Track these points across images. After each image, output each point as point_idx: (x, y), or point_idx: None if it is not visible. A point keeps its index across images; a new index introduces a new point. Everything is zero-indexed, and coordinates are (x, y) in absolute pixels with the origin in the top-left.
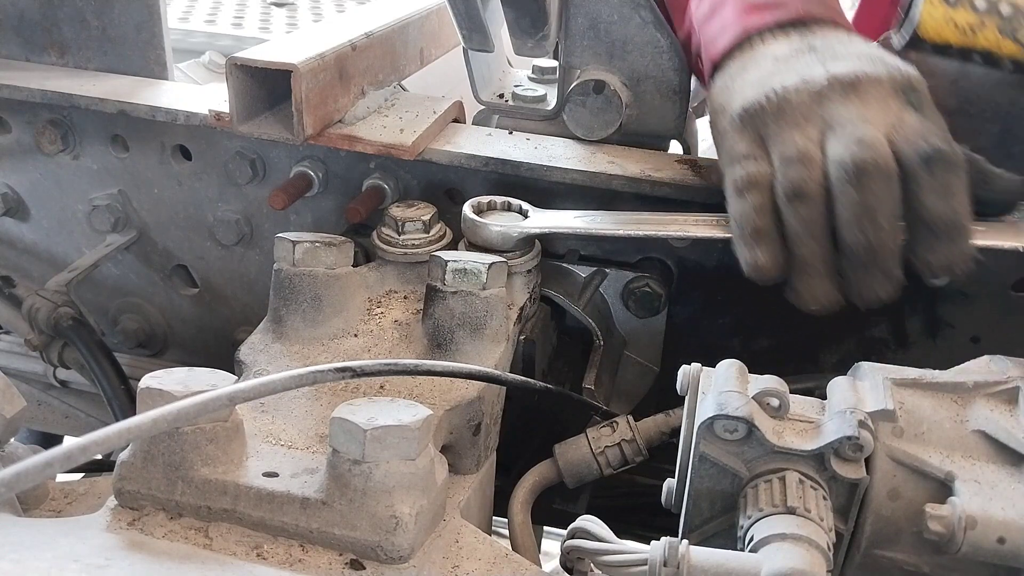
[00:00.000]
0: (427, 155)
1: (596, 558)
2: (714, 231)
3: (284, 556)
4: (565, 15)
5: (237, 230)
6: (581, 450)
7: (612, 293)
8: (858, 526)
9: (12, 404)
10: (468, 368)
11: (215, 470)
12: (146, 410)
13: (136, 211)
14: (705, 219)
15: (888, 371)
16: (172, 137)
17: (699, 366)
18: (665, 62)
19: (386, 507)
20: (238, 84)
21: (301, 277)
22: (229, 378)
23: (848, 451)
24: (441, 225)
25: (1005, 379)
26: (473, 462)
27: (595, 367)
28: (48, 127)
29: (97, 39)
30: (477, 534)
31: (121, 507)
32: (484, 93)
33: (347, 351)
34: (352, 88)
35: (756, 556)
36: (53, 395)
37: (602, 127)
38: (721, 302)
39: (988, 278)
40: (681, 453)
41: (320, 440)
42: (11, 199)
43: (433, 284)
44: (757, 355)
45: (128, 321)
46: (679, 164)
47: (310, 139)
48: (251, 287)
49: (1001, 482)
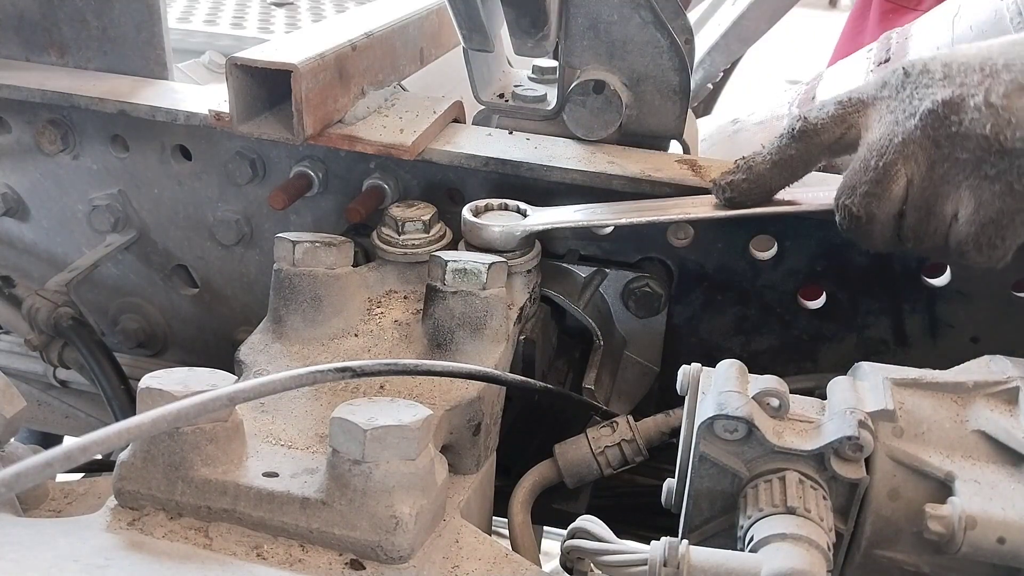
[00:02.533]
0: (427, 155)
1: (596, 558)
2: (715, 212)
3: (284, 556)
4: (565, 15)
5: (237, 230)
6: (581, 450)
7: (612, 293)
8: (858, 526)
9: (12, 404)
10: (468, 368)
11: (215, 470)
12: (146, 410)
13: (136, 211)
14: (705, 200)
15: (888, 371)
16: (172, 137)
17: (699, 366)
18: (665, 62)
19: (386, 507)
20: (238, 84)
21: (301, 277)
22: (229, 378)
23: (848, 451)
24: (441, 225)
25: (1005, 379)
26: (473, 462)
27: (595, 367)
28: (48, 127)
29: (97, 39)
30: (477, 534)
31: (121, 507)
32: (484, 93)
33: (347, 351)
34: (352, 88)
35: (756, 556)
36: (53, 395)
37: (602, 127)
38: (721, 302)
39: (988, 278)
40: (681, 453)
41: (320, 440)
42: (11, 199)
43: (433, 284)
44: (757, 355)
45: (128, 321)
46: (679, 164)
47: (310, 139)
48: (251, 287)
49: (1001, 482)
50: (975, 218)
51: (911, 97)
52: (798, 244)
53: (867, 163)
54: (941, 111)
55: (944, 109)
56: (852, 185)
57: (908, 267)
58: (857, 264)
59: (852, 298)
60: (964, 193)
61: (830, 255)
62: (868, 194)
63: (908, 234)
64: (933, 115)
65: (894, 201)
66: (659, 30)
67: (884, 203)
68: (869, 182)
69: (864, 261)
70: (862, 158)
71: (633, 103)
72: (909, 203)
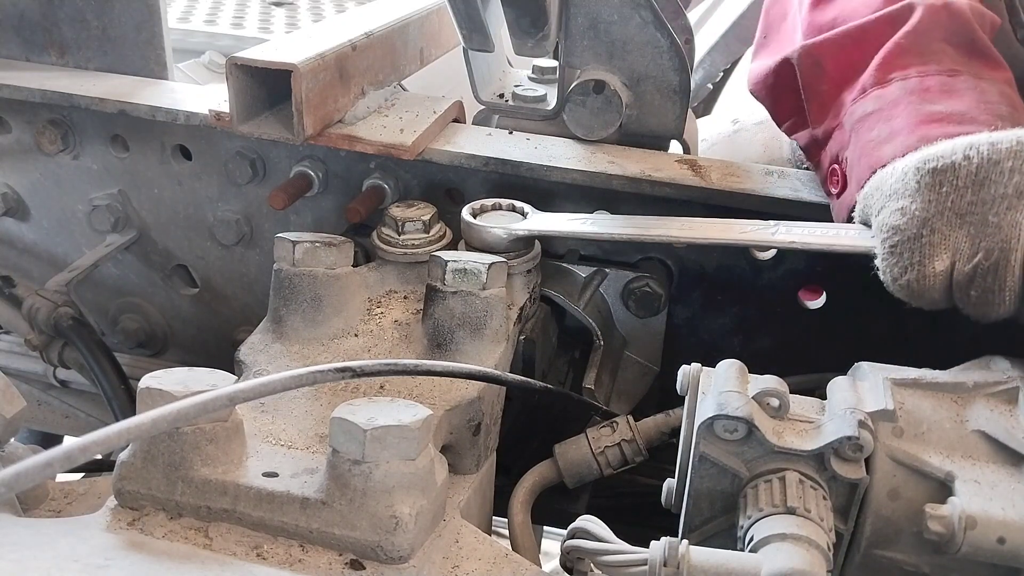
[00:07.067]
0: (427, 155)
1: (596, 558)
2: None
3: (284, 556)
4: (565, 15)
5: (237, 230)
6: (581, 450)
7: (612, 293)
8: (858, 526)
9: (12, 404)
10: (468, 368)
11: (215, 470)
12: (146, 410)
13: (136, 211)
14: (704, 223)
15: (888, 371)
16: (172, 137)
17: (699, 366)
18: (665, 62)
19: (386, 507)
20: (238, 84)
21: (301, 277)
22: (229, 378)
23: (848, 451)
24: (441, 225)
25: (1005, 379)
26: (473, 462)
27: (595, 367)
28: (48, 127)
29: (97, 39)
30: (477, 534)
31: (121, 507)
32: (484, 93)
33: (347, 351)
34: (352, 88)
35: (756, 556)
36: (53, 395)
37: (602, 127)
38: (721, 302)
39: None
40: (681, 453)
41: (320, 440)
42: (11, 199)
43: (433, 284)
44: (757, 355)
45: (128, 321)
46: (679, 164)
47: (310, 139)
48: (251, 287)
49: (1001, 482)
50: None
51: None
52: None
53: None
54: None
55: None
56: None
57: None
58: (857, 264)
59: (852, 298)
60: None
61: (830, 255)
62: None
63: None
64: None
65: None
66: (659, 30)
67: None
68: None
69: (864, 261)
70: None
71: (633, 103)
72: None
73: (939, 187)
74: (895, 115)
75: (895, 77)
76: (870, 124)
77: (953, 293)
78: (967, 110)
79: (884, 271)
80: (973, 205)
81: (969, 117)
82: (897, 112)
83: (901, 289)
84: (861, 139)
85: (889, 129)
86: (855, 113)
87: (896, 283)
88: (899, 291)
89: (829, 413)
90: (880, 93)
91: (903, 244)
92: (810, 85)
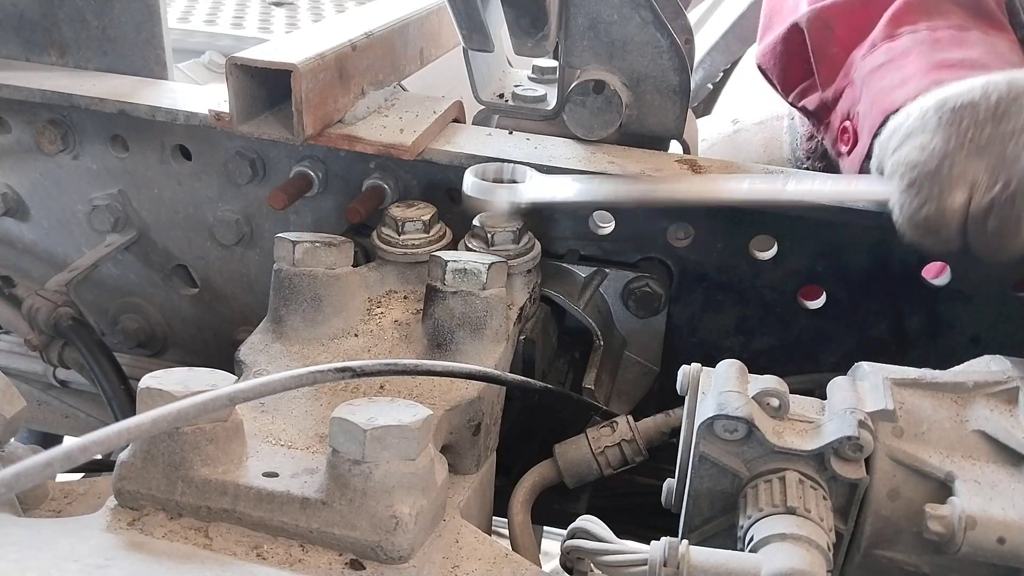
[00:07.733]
0: (427, 155)
1: (596, 558)
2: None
3: (284, 556)
4: (565, 15)
5: (237, 230)
6: (581, 450)
7: (612, 293)
8: (858, 526)
9: (12, 404)
10: (468, 368)
11: (215, 470)
12: (146, 410)
13: (136, 211)
14: (710, 180)
15: (888, 371)
16: (172, 137)
17: (699, 366)
18: (665, 62)
19: (386, 507)
20: (238, 84)
21: (301, 277)
22: (229, 378)
23: (848, 451)
24: (441, 225)
25: (1005, 379)
26: (473, 462)
27: (595, 367)
28: (48, 127)
29: (97, 39)
30: (477, 534)
31: (121, 507)
32: (484, 93)
33: (347, 351)
34: (352, 88)
35: (756, 556)
36: (53, 395)
37: (602, 127)
38: (721, 302)
39: (988, 278)
40: (681, 453)
41: (320, 440)
42: (11, 199)
43: (433, 284)
44: (757, 355)
45: (128, 321)
46: (679, 164)
47: (310, 139)
48: (251, 287)
49: (1001, 482)
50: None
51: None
52: (798, 244)
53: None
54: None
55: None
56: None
57: (908, 267)
58: (857, 264)
59: (852, 298)
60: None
61: (830, 255)
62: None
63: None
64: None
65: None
66: (659, 30)
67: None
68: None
69: (864, 261)
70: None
71: (633, 103)
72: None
73: (960, 122)
74: (906, 64)
75: (904, 31)
76: (881, 74)
77: (968, 228)
78: (979, 58)
79: (900, 208)
80: (992, 138)
81: (981, 63)
82: (908, 61)
83: (917, 227)
84: (872, 89)
85: (901, 76)
86: (865, 67)
87: (912, 220)
88: (914, 229)
89: (829, 413)
90: (891, 46)
91: (922, 178)
92: (820, 47)
